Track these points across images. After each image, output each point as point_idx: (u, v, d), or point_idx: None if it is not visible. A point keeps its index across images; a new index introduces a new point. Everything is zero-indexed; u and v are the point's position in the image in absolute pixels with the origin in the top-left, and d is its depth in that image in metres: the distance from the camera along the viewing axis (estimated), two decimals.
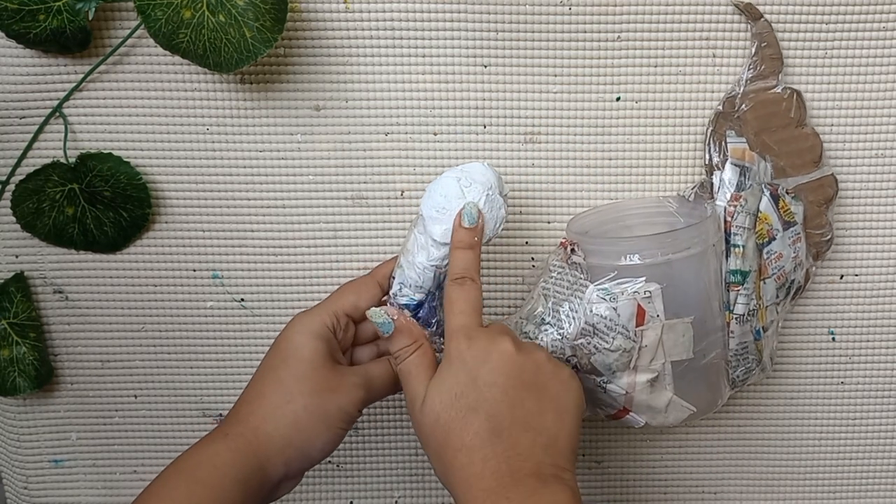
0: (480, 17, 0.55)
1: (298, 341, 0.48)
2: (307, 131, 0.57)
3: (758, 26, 0.55)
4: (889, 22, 0.56)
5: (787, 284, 0.57)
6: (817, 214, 0.57)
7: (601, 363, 0.50)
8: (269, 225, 0.59)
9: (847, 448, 0.64)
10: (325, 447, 0.47)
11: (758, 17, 0.54)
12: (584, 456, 0.64)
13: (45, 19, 0.51)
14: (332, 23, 0.55)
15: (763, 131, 0.55)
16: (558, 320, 0.51)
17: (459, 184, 0.48)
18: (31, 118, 0.56)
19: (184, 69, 0.55)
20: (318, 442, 0.47)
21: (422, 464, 0.64)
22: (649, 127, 0.57)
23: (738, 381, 0.55)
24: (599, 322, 0.50)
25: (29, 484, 0.63)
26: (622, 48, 0.56)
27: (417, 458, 0.63)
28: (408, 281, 0.49)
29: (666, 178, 0.58)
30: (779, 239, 0.55)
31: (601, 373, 0.51)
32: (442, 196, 0.48)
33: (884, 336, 0.62)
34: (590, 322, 0.50)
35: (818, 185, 0.57)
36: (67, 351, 0.61)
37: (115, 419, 0.62)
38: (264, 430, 0.46)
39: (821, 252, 0.59)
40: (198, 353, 0.61)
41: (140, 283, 0.59)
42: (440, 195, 0.48)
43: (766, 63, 0.55)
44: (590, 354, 0.50)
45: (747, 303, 0.53)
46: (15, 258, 0.59)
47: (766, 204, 0.55)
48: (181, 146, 0.57)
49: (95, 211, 0.56)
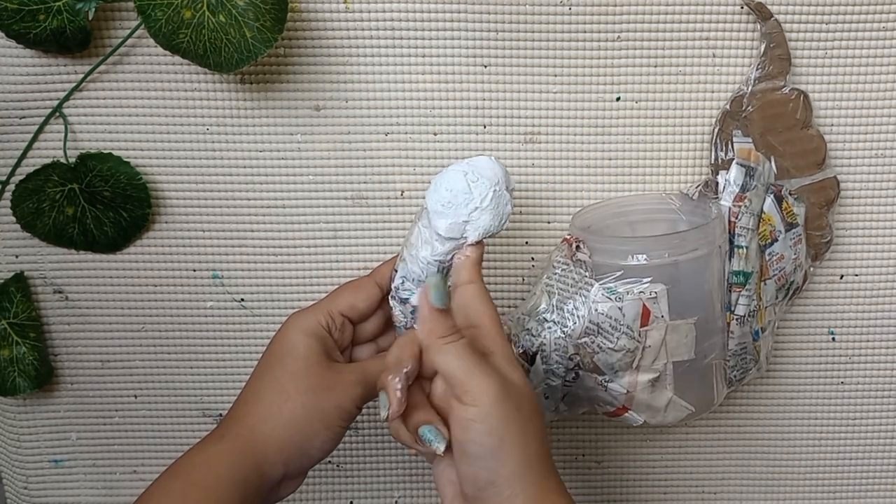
0: (480, 17, 0.55)
1: (293, 340, 0.48)
2: (307, 131, 0.57)
3: (767, 26, 0.54)
4: (889, 22, 0.56)
5: (786, 285, 0.57)
6: (818, 216, 0.57)
7: (604, 362, 0.50)
8: (269, 225, 0.59)
9: (847, 448, 0.64)
10: (324, 445, 0.47)
11: (768, 16, 0.54)
12: (584, 456, 0.64)
13: (45, 19, 0.51)
14: (332, 23, 0.55)
15: (769, 132, 0.55)
16: (562, 318, 0.51)
17: (466, 178, 0.47)
18: (31, 118, 0.56)
19: (184, 69, 0.55)
20: (316, 440, 0.47)
21: (422, 464, 0.64)
22: (649, 127, 0.57)
23: (735, 380, 0.55)
24: (604, 321, 0.49)
25: (29, 484, 0.63)
26: (622, 48, 0.56)
27: (417, 458, 0.63)
28: (411, 275, 0.49)
29: (666, 178, 0.58)
30: (781, 240, 0.55)
31: (603, 372, 0.51)
32: (448, 191, 0.47)
33: (884, 336, 0.62)
34: (594, 321, 0.50)
35: (820, 186, 0.57)
36: (67, 351, 0.61)
37: (115, 419, 0.62)
38: (261, 430, 0.46)
39: (819, 253, 0.59)
40: (198, 353, 0.61)
41: (140, 283, 0.59)
42: (446, 189, 0.47)
43: (774, 63, 0.55)
44: (593, 353, 0.50)
45: (748, 304, 0.53)
46: (15, 258, 0.59)
47: (770, 205, 0.55)
48: (181, 146, 0.57)
49: (95, 211, 0.56)
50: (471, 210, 0.47)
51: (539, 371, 0.51)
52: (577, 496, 0.64)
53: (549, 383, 0.51)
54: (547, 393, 0.52)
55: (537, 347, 0.51)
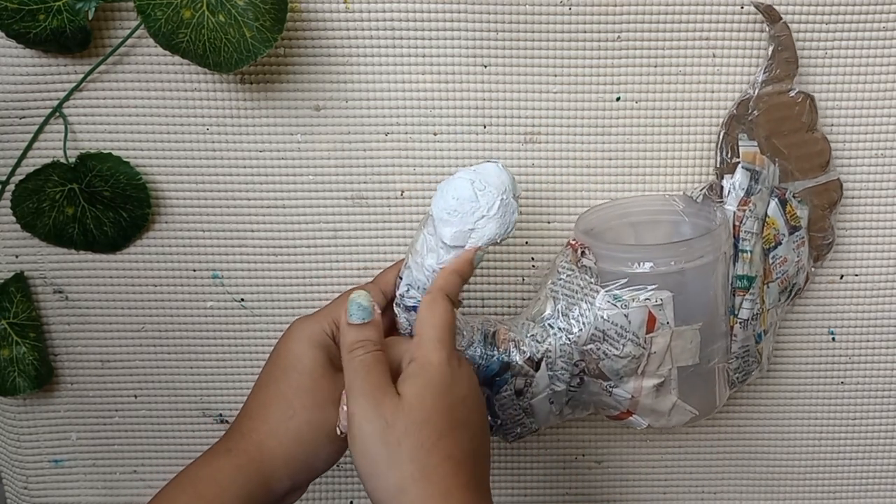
0: (480, 17, 0.55)
1: (298, 351, 0.47)
2: (307, 131, 0.57)
3: (776, 29, 0.54)
4: (889, 22, 0.56)
5: (789, 287, 0.57)
6: (820, 218, 0.57)
7: (609, 369, 0.50)
8: (269, 225, 0.59)
9: (847, 448, 0.64)
10: (329, 458, 0.47)
11: (777, 19, 0.54)
12: (584, 456, 0.64)
13: (45, 19, 0.51)
14: (332, 23, 0.55)
15: (774, 135, 0.55)
16: (568, 324, 0.51)
17: (473, 187, 0.46)
18: (31, 118, 0.56)
19: (184, 69, 0.55)
20: (322, 454, 0.47)
21: None
22: (649, 127, 0.57)
23: (737, 382, 0.55)
24: (610, 328, 0.49)
25: (29, 484, 0.63)
26: (622, 48, 0.56)
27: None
28: (416, 283, 0.48)
29: (666, 178, 0.58)
30: (784, 243, 0.55)
31: (608, 377, 0.51)
32: (454, 199, 0.47)
33: (884, 336, 0.62)
34: (600, 328, 0.50)
35: (824, 189, 0.57)
36: (67, 351, 0.61)
37: (115, 419, 0.62)
38: (268, 446, 0.46)
39: (821, 254, 0.58)
40: (198, 353, 0.61)
41: (140, 283, 0.59)
42: (452, 198, 0.47)
43: (781, 66, 0.54)
44: (598, 360, 0.50)
45: (752, 308, 0.53)
46: (15, 258, 0.59)
47: (774, 208, 0.55)
48: (181, 146, 0.57)
49: (95, 211, 0.56)
50: (477, 218, 0.46)
51: (544, 377, 0.51)
52: (578, 496, 0.64)
53: (553, 388, 0.51)
54: (552, 398, 0.52)
55: (542, 353, 0.50)
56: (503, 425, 0.52)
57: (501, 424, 0.52)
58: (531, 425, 0.53)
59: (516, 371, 0.50)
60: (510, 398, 0.51)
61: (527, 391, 0.51)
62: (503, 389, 0.51)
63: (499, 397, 0.51)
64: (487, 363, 0.50)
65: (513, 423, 0.52)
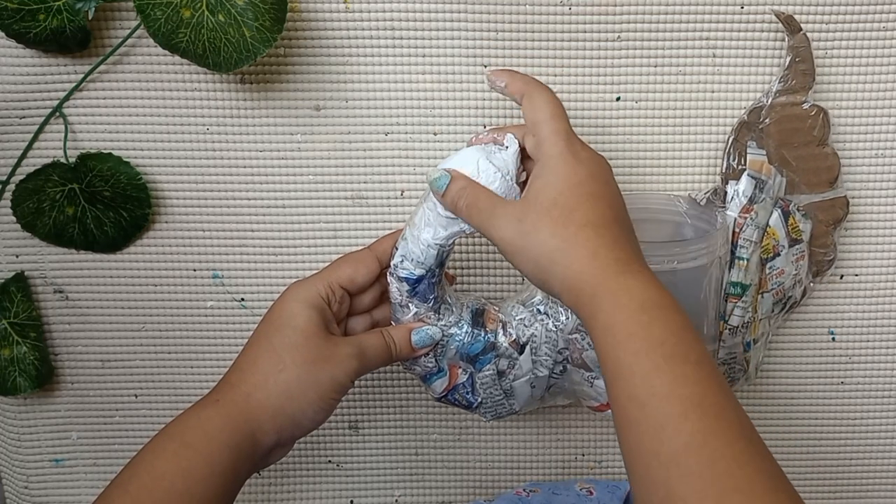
0: (480, 17, 0.55)
1: (293, 310, 0.48)
2: (307, 131, 0.57)
3: (795, 40, 0.54)
4: (889, 22, 0.56)
5: (784, 300, 0.57)
6: (823, 234, 0.57)
7: (592, 360, 0.50)
8: (269, 225, 0.59)
9: (847, 448, 0.64)
10: (316, 416, 0.48)
11: (797, 30, 0.54)
12: (584, 456, 0.64)
13: (45, 19, 0.51)
14: (332, 23, 0.55)
15: (784, 146, 0.55)
16: (556, 311, 0.51)
17: (477, 163, 0.47)
18: (31, 118, 0.56)
19: (184, 69, 0.55)
20: (309, 411, 0.47)
21: (422, 463, 0.64)
22: (649, 127, 0.57)
23: None
24: None
25: (29, 484, 0.63)
26: (622, 48, 0.56)
27: (417, 457, 0.64)
28: (410, 255, 0.48)
29: (666, 177, 0.58)
30: (783, 255, 0.55)
31: (591, 369, 0.51)
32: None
33: (884, 336, 0.62)
34: None
35: (830, 205, 0.57)
36: (68, 351, 0.61)
37: (115, 419, 0.62)
38: (256, 398, 0.46)
39: (821, 270, 0.58)
40: (198, 353, 0.61)
41: (140, 283, 0.59)
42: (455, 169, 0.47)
43: (797, 78, 0.54)
44: (582, 350, 0.50)
45: (743, 315, 0.54)
46: (15, 258, 0.59)
47: (776, 219, 0.55)
48: (181, 146, 0.57)
49: (95, 211, 0.56)
50: None
51: (528, 360, 0.51)
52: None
53: (536, 373, 0.52)
54: (533, 382, 0.52)
55: (528, 337, 0.51)
56: (483, 403, 0.53)
57: (481, 402, 0.53)
58: (511, 406, 0.53)
59: (500, 352, 0.51)
60: (492, 378, 0.51)
61: (509, 373, 0.51)
62: (486, 368, 0.51)
63: (481, 376, 0.51)
64: (473, 340, 0.51)
65: (492, 403, 0.53)
